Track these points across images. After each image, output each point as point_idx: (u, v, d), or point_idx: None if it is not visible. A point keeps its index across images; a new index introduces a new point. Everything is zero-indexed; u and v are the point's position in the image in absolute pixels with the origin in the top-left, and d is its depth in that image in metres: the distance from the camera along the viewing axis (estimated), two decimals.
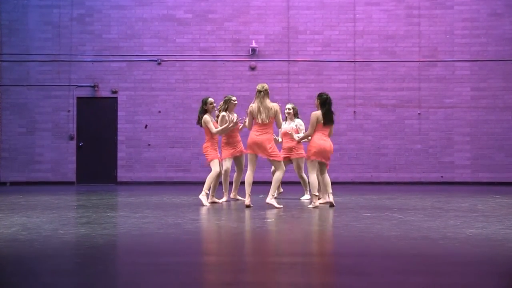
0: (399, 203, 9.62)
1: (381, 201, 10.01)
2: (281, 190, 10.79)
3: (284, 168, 9.49)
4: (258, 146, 9.10)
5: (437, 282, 4.15)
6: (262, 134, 9.11)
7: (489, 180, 15.72)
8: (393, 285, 4.23)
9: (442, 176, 15.89)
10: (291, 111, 10.59)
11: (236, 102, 10.20)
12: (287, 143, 10.45)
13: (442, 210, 8.71)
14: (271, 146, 9.17)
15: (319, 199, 9.30)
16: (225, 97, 10.25)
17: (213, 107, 10.00)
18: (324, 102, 9.27)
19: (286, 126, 10.38)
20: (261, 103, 9.05)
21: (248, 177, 9.15)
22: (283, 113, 10.16)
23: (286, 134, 10.37)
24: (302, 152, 10.40)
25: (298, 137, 10.05)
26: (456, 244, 5.64)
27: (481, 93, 16.03)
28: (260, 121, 9.05)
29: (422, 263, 4.84)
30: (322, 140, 9.22)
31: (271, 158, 9.24)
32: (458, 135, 16.07)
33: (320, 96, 9.44)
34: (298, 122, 10.62)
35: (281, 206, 9.09)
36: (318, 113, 9.21)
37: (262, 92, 9.09)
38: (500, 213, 8.37)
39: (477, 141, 16.05)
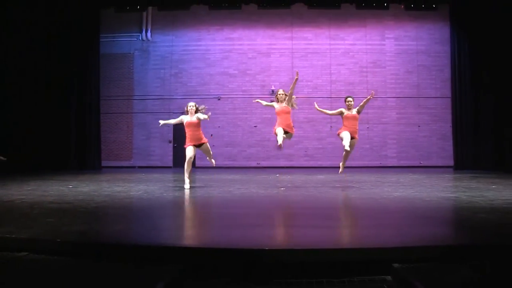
0: (356, 179, 9.63)
1: (346, 178, 9.99)
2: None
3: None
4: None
5: (378, 223, 4.21)
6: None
7: (407, 165, 15.69)
8: (353, 225, 4.29)
9: (380, 163, 15.86)
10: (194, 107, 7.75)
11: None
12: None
13: (380, 182, 8.73)
14: None
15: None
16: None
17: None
18: None
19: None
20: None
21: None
22: None
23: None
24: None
25: None
26: (388, 201, 5.69)
27: (402, 115, 15.99)
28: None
29: (369, 212, 4.89)
30: None
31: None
32: (389, 139, 16.03)
33: None
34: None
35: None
36: None
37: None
38: (412, 183, 8.40)
39: (400, 143, 16.01)
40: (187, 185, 7.50)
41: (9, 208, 5.05)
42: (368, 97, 8.14)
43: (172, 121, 8.17)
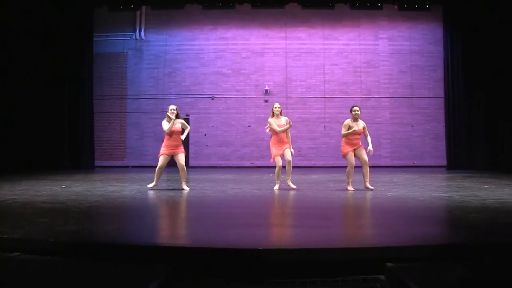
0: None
1: (340, 177, 9.99)
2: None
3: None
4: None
5: (372, 222, 4.18)
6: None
7: (400, 164, 15.75)
8: (347, 224, 4.30)
9: (374, 163, 15.87)
10: (175, 111, 7.41)
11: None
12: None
13: (374, 182, 8.73)
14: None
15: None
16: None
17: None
18: None
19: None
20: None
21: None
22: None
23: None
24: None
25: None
26: (382, 201, 5.71)
27: (395, 115, 16.05)
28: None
29: (363, 212, 4.91)
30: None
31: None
32: (383, 139, 16.08)
33: None
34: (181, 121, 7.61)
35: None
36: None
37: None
38: (405, 183, 8.45)
39: (393, 142, 16.07)
40: (151, 185, 7.44)
41: (1, 208, 5.01)
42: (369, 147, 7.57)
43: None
